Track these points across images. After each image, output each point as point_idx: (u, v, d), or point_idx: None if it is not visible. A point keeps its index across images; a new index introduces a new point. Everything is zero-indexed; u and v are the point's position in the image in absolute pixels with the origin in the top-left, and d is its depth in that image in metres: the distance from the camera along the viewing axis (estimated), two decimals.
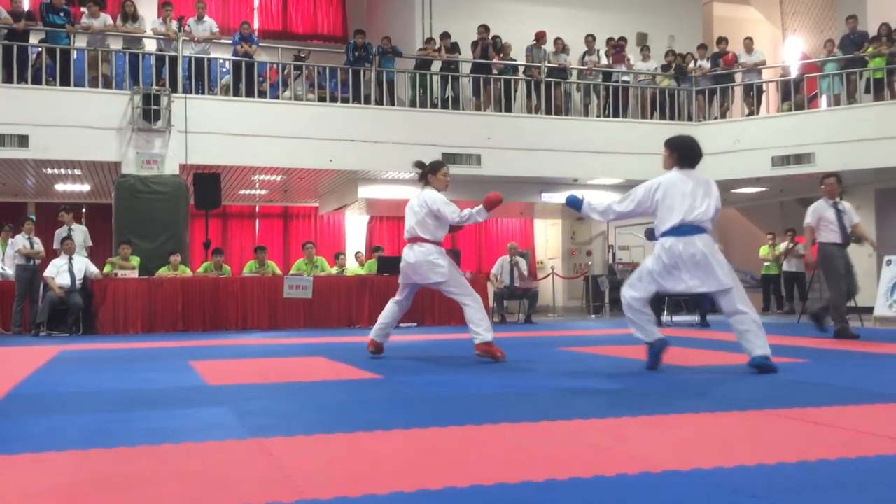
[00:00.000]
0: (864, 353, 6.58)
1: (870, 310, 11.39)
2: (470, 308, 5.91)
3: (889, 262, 11.59)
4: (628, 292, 5.24)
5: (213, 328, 10.60)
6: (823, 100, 14.02)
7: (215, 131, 11.90)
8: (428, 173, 6.17)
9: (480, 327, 5.86)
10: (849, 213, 8.22)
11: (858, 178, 14.15)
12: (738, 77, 14.53)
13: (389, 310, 6.38)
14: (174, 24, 12.28)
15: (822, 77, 13.83)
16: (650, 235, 5.38)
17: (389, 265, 12.06)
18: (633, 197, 5.19)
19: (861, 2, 14.91)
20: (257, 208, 17.34)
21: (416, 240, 6.04)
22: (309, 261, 11.95)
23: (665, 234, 5.04)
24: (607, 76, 14.37)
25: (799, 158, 13.25)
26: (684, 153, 5.21)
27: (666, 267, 5.01)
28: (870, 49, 13.27)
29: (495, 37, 14.08)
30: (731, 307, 4.98)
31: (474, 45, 13.84)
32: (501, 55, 14.06)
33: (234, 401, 4.07)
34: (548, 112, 13.80)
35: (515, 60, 14.08)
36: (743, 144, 13.60)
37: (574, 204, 5.40)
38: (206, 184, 11.97)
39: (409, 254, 6.05)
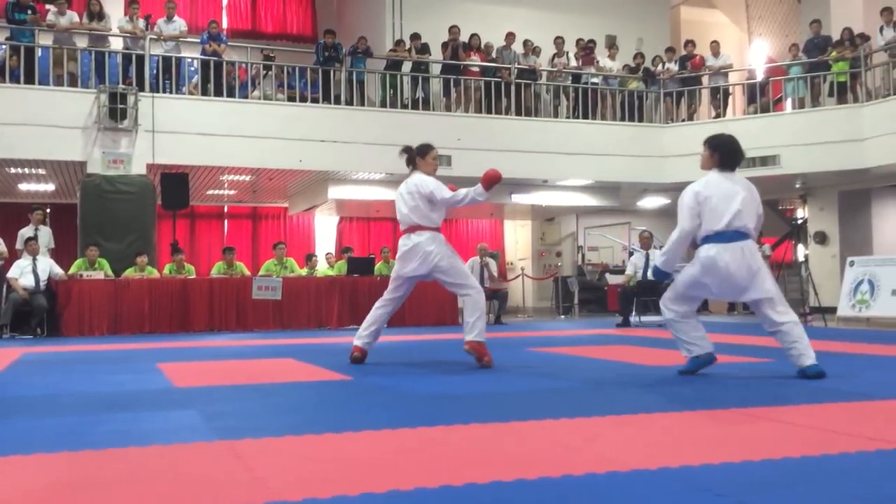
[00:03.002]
0: (828, 353, 6.68)
1: (833, 310, 11.58)
2: (469, 300, 5.56)
3: (852, 263, 11.79)
4: (670, 306, 4.93)
5: (180, 330, 10.49)
6: (788, 103, 14.22)
7: (183, 131, 11.78)
8: (416, 157, 5.85)
9: (475, 327, 5.50)
10: None
11: (822, 181, 14.39)
12: (705, 80, 14.69)
13: (380, 311, 5.89)
14: (141, 23, 12.15)
15: (787, 80, 14.03)
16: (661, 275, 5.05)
17: (359, 266, 12.04)
18: (685, 207, 4.77)
19: (825, 7, 15.15)
20: (226, 209, 17.20)
21: (413, 228, 5.63)
22: (279, 261, 11.87)
23: (708, 239, 4.73)
24: (576, 78, 14.47)
25: (764, 161, 13.42)
26: (727, 154, 4.86)
27: (710, 275, 4.70)
28: (833, 53, 13.48)
29: (473, 34, 14.08)
30: (771, 315, 4.72)
31: (444, 45, 13.85)
32: (483, 52, 14.08)
33: (202, 403, 4.05)
34: (517, 113, 13.86)
35: (482, 62, 14.09)
36: None
37: (661, 275, 5.06)
38: (174, 184, 11.85)
39: (407, 244, 5.64)
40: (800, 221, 14.68)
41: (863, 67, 13.19)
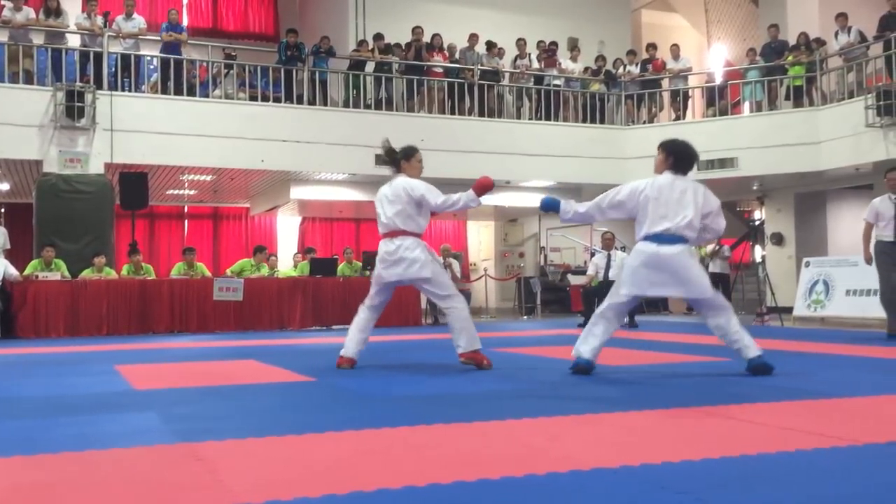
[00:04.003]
0: (784, 352, 6.80)
1: (790, 310, 11.79)
2: (454, 312, 5.39)
3: (808, 264, 12.01)
4: (607, 306, 5.03)
5: (139, 331, 10.36)
6: (746, 106, 14.46)
7: (142, 130, 11.63)
8: (401, 160, 5.58)
9: (463, 335, 5.37)
10: None
11: (779, 183, 14.65)
12: (666, 83, 14.86)
13: (362, 317, 5.67)
14: (99, 20, 11.96)
15: (745, 84, 14.27)
16: (549, 206, 5.09)
17: (322, 267, 11.99)
18: (617, 197, 4.93)
19: (782, 12, 15.43)
20: (186, 209, 17.01)
21: (395, 233, 5.41)
22: (257, 264, 11.83)
23: (647, 238, 4.84)
24: (539, 80, 14.55)
25: (723, 163, 13.62)
26: (680, 158, 4.94)
27: (645, 272, 4.82)
28: (790, 57, 13.73)
29: (435, 35, 14.09)
30: (711, 315, 4.90)
31: (407, 46, 13.84)
32: (446, 53, 14.10)
33: (162, 405, 4.00)
34: (480, 114, 13.90)
35: (445, 62, 14.11)
36: None
37: (550, 206, 5.07)
38: (133, 183, 11.68)
39: (389, 248, 5.42)
40: (757, 223, 14.93)
41: (818, 72, 13.45)
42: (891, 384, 4.66)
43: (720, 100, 14.40)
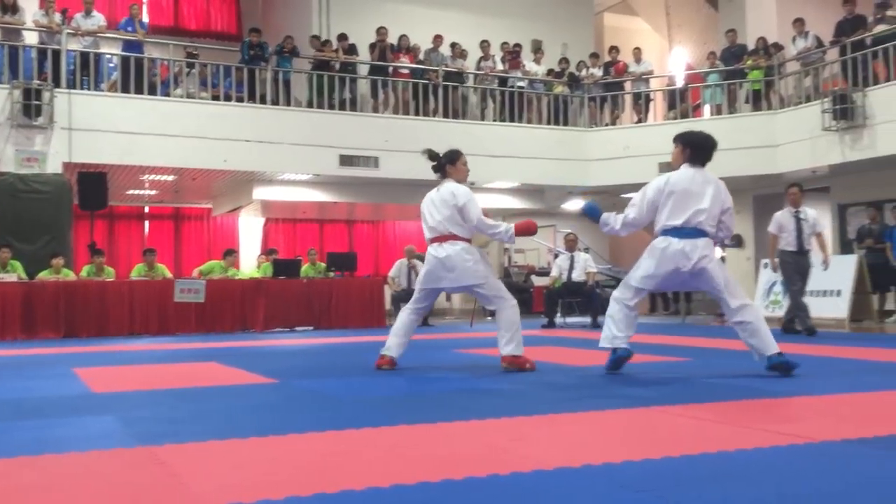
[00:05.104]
0: (741, 352, 6.90)
1: None
2: (504, 314, 5.38)
3: (766, 265, 12.18)
4: (619, 295, 4.97)
5: (98, 334, 10.18)
6: (707, 109, 14.65)
7: (102, 129, 11.45)
8: (446, 164, 5.55)
9: (512, 340, 5.36)
10: (811, 221, 8.64)
11: (739, 185, 14.82)
12: (628, 85, 15.00)
13: (407, 320, 5.62)
14: (57, 17, 11.76)
15: (706, 87, 14.46)
16: (591, 211, 5.07)
17: (285, 268, 11.91)
18: (644, 198, 4.88)
19: (741, 17, 15.66)
20: (147, 209, 16.78)
21: (446, 237, 5.37)
22: (227, 266, 11.76)
23: (666, 232, 4.80)
24: (503, 81, 14.61)
25: None
26: (698, 149, 4.95)
27: (661, 266, 4.79)
28: (749, 62, 13.95)
29: (402, 36, 14.07)
30: (729, 309, 4.88)
31: (372, 46, 13.81)
32: (412, 54, 14.09)
33: (121, 408, 3.95)
34: (445, 115, 13.91)
35: (410, 63, 14.11)
36: (632, 151, 14.05)
37: (591, 213, 5.06)
38: (92, 183, 11.49)
39: (440, 253, 5.36)
40: None
41: (776, 76, 13.68)
42: (846, 383, 4.75)
43: (681, 103, 14.58)
